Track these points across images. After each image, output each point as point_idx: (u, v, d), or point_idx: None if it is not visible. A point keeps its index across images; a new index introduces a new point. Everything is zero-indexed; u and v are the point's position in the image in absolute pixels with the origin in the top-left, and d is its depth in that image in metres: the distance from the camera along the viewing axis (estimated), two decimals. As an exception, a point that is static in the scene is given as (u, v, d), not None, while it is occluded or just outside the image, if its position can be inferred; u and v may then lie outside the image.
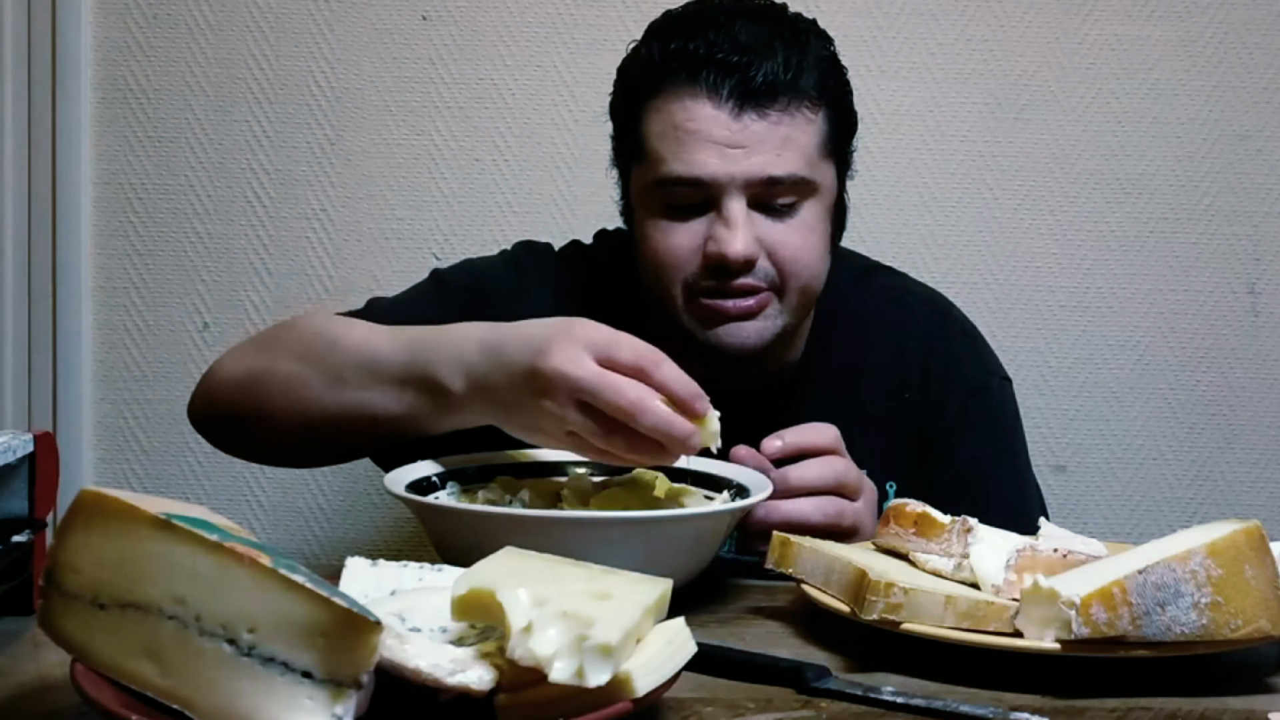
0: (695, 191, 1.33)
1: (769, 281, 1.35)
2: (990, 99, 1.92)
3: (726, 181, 1.32)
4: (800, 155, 1.34)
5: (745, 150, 1.31)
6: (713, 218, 1.33)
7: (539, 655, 0.78)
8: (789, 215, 1.35)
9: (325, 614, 0.77)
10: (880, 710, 0.92)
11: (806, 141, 1.34)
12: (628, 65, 1.42)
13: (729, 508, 1.17)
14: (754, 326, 1.35)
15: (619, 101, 1.42)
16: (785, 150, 1.33)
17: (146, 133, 1.93)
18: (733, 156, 1.31)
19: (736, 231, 1.31)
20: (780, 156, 1.32)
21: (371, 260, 1.93)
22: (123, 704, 0.79)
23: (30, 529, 1.08)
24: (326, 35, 1.91)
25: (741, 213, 1.32)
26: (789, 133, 1.33)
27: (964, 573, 1.10)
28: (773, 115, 1.32)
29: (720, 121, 1.31)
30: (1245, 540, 0.99)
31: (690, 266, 1.34)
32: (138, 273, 1.94)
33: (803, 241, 1.35)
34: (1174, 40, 1.91)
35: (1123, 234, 1.94)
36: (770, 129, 1.32)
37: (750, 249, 1.32)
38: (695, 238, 1.34)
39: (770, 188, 1.33)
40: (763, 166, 1.32)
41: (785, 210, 1.35)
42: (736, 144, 1.31)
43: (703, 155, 1.32)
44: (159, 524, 0.80)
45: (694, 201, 1.34)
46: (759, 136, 1.32)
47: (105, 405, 1.95)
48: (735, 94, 1.31)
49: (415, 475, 1.24)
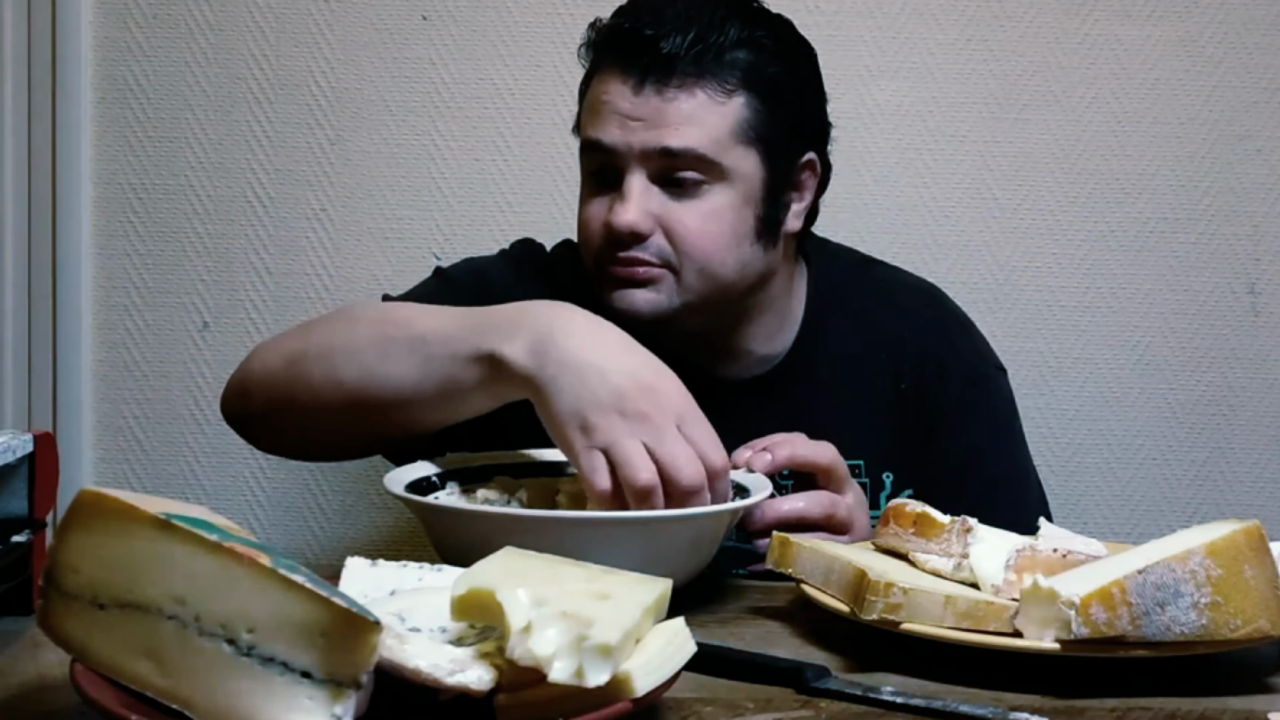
0: (602, 159, 1.38)
1: (661, 258, 1.37)
2: (990, 99, 1.92)
3: (624, 150, 1.36)
4: (703, 134, 1.35)
5: (643, 123, 1.35)
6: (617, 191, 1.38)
7: (538, 655, 0.78)
8: (692, 195, 1.37)
9: (325, 614, 0.77)
10: (880, 710, 0.92)
11: (714, 123, 1.36)
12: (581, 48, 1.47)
13: (729, 508, 1.17)
14: (644, 295, 1.37)
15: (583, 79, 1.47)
16: (685, 126, 1.35)
17: (146, 133, 1.93)
18: (631, 128, 1.35)
19: (628, 203, 1.35)
20: (678, 130, 1.35)
21: (371, 260, 1.93)
22: (123, 704, 0.79)
23: (30, 529, 1.08)
24: (326, 35, 1.91)
25: (639, 185, 1.36)
26: (691, 110, 1.35)
27: (964, 573, 1.10)
28: (669, 91, 1.35)
29: (623, 94, 1.36)
30: (1245, 540, 0.99)
31: (597, 237, 1.39)
32: (138, 273, 1.94)
33: (702, 224, 1.36)
34: (1174, 40, 1.91)
35: (1123, 234, 1.94)
36: (666, 104, 1.35)
37: (639, 221, 1.35)
38: (602, 209, 1.39)
39: (668, 161, 1.35)
40: (660, 139, 1.35)
41: (689, 189, 1.36)
42: (635, 116, 1.35)
43: (606, 124, 1.37)
44: (159, 524, 0.80)
45: (604, 169, 1.39)
46: (656, 109, 1.35)
47: (105, 405, 1.95)
48: (637, 68, 1.36)
49: (415, 475, 1.24)
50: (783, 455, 1.25)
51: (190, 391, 1.94)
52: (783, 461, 1.25)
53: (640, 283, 1.37)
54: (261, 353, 1.35)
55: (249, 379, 1.35)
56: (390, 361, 1.22)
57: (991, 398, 1.52)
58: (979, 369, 1.52)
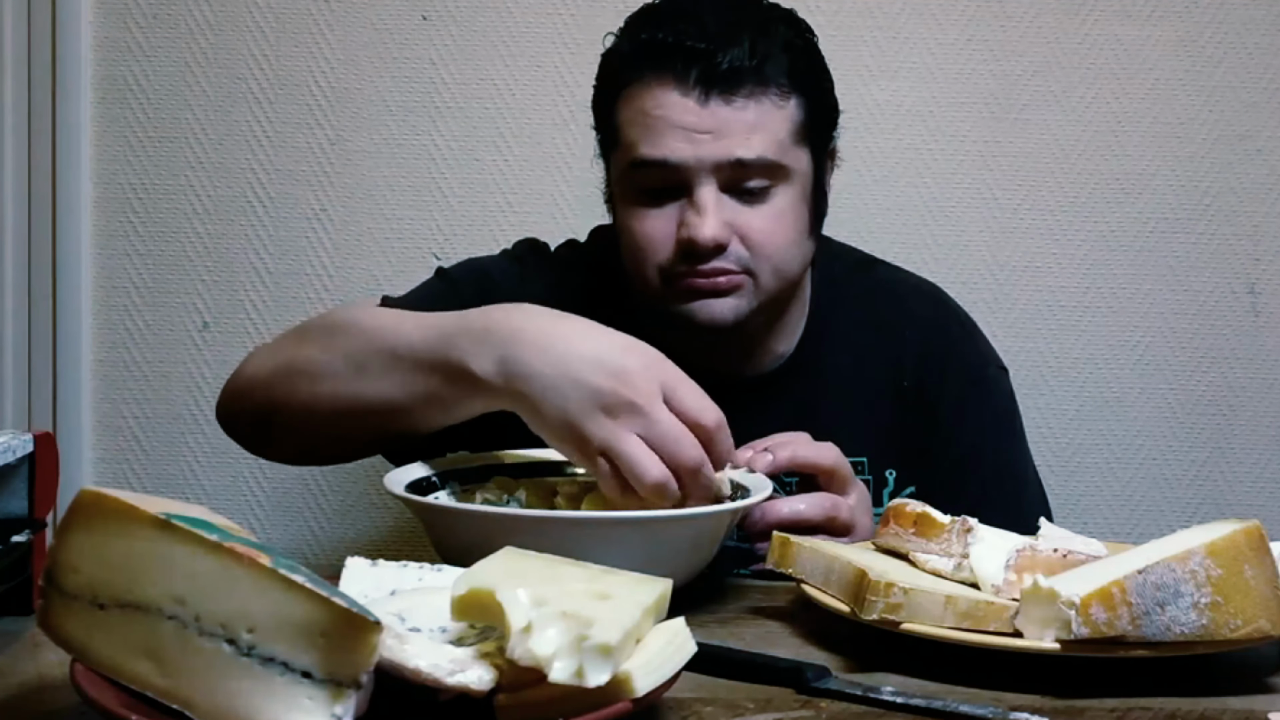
0: (665, 175, 1.36)
1: (741, 265, 1.37)
2: (990, 99, 1.92)
3: (695, 165, 1.34)
4: (770, 139, 1.35)
5: (712, 135, 1.34)
6: (684, 203, 1.36)
7: (539, 655, 0.78)
8: (761, 200, 1.37)
9: (325, 614, 0.77)
10: (880, 710, 0.92)
11: (777, 127, 1.36)
12: (604, 59, 1.44)
13: (729, 508, 1.17)
14: (728, 303, 1.37)
15: (597, 94, 1.45)
16: (753, 134, 1.35)
17: (146, 133, 1.93)
18: (700, 141, 1.34)
19: (706, 217, 1.34)
20: (748, 140, 1.34)
21: (371, 260, 1.93)
22: (123, 704, 0.79)
23: (30, 529, 1.08)
24: (326, 35, 1.91)
25: (712, 197, 1.34)
26: (756, 118, 1.35)
27: (964, 573, 1.10)
28: (738, 101, 1.34)
29: (687, 108, 1.34)
30: (1245, 540, 0.99)
31: (664, 251, 1.37)
32: (138, 273, 1.94)
33: (775, 226, 1.37)
34: (1174, 40, 1.91)
35: (1123, 234, 1.94)
36: (736, 114, 1.34)
37: (720, 233, 1.34)
38: (668, 223, 1.36)
39: (739, 170, 1.35)
40: (730, 150, 1.34)
41: (758, 195, 1.36)
42: (704, 129, 1.34)
43: (671, 140, 1.34)
44: (159, 524, 0.80)
45: (665, 186, 1.36)
46: (725, 122, 1.34)
47: (105, 405, 1.95)
48: (701, 81, 1.33)
49: (415, 475, 1.24)
50: (784, 456, 1.25)
51: (190, 391, 1.95)
52: (784, 463, 1.25)
53: (721, 292, 1.37)
54: (252, 362, 1.36)
55: (239, 389, 1.36)
56: (368, 377, 1.22)
57: (992, 397, 1.53)
58: (980, 369, 1.53)
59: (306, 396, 1.26)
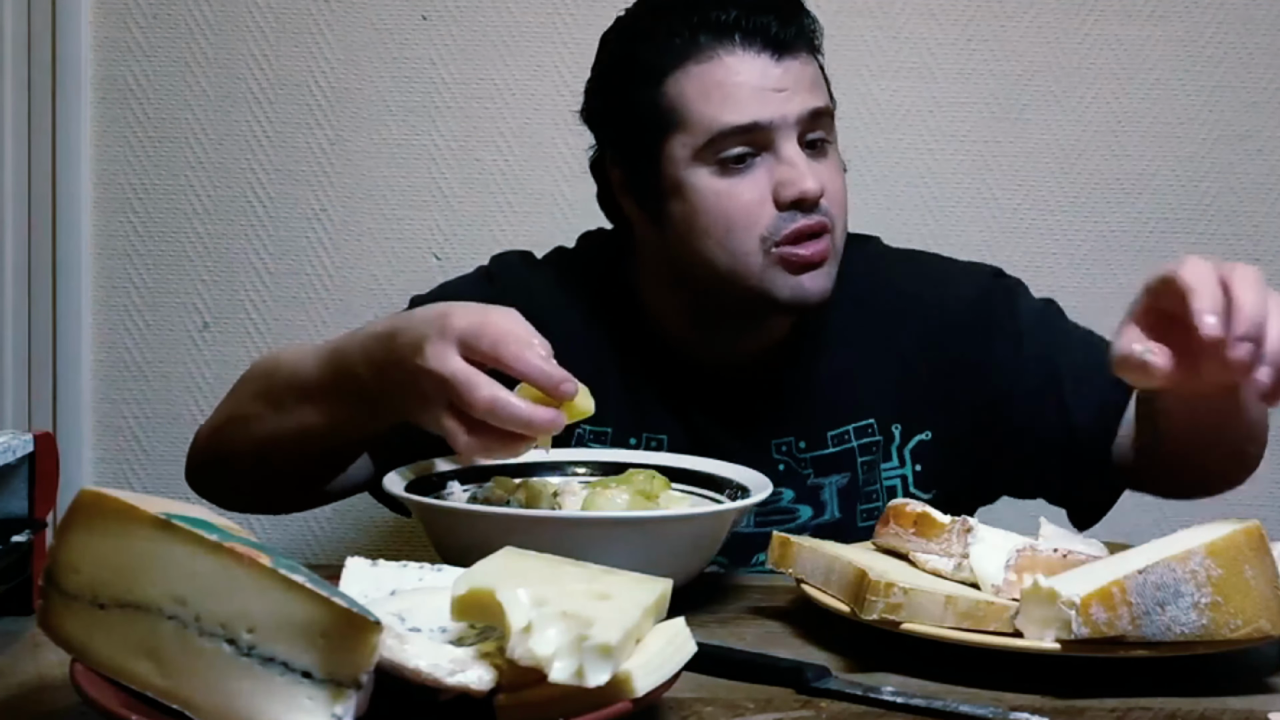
0: (751, 139, 1.36)
1: (829, 219, 1.38)
2: (990, 99, 1.92)
3: (780, 122, 1.36)
4: (824, 90, 1.41)
5: (789, 92, 1.37)
6: (771, 165, 1.37)
7: (539, 655, 0.78)
8: (825, 154, 1.40)
9: (325, 614, 0.77)
10: (880, 710, 0.92)
11: (822, 78, 1.42)
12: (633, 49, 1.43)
13: (729, 508, 1.17)
14: (820, 277, 1.38)
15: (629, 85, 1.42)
16: (816, 86, 1.40)
17: (146, 133, 1.93)
18: (782, 99, 1.36)
19: (804, 169, 1.36)
20: (815, 91, 1.39)
21: (371, 260, 1.93)
22: (123, 704, 0.79)
23: (30, 529, 1.08)
24: (326, 35, 1.91)
25: (799, 152, 1.37)
26: (814, 71, 1.41)
27: (964, 573, 1.10)
28: (802, 55, 1.39)
29: (766, 70, 1.37)
30: (1245, 540, 0.99)
31: (766, 216, 1.37)
32: (138, 273, 1.94)
33: (840, 178, 1.41)
34: (1174, 40, 1.91)
35: (1123, 234, 1.93)
36: (803, 68, 1.39)
37: (821, 184, 1.37)
38: (760, 188, 1.37)
39: (812, 123, 1.38)
40: (807, 103, 1.37)
41: (819, 148, 1.40)
42: (782, 86, 1.37)
43: (755, 103, 1.36)
44: (159, 524, 0.80)
45: (744, 152, 1.37)
46: (798, 77, 1.38)
47: (105, 405, 1.95)
48: (770, 44, 1.37)
49: (415, 475, 1.24)
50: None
51: (190, 391, 1.94)
52: None
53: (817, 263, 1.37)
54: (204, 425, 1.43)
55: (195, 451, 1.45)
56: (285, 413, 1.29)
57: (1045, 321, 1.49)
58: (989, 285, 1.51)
59: (243, 443, 1.34)
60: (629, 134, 1.43)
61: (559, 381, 1.11)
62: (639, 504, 1.18)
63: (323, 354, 1.27)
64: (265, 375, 1.35)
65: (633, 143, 1.43)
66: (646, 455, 1.32)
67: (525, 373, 1.11)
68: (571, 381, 1.12)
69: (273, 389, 1.31)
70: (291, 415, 1.28)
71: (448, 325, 1.13)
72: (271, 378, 1.33)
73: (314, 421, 1.27)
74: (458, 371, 1.11)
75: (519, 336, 1.12)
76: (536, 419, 1.10)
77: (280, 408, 1.29)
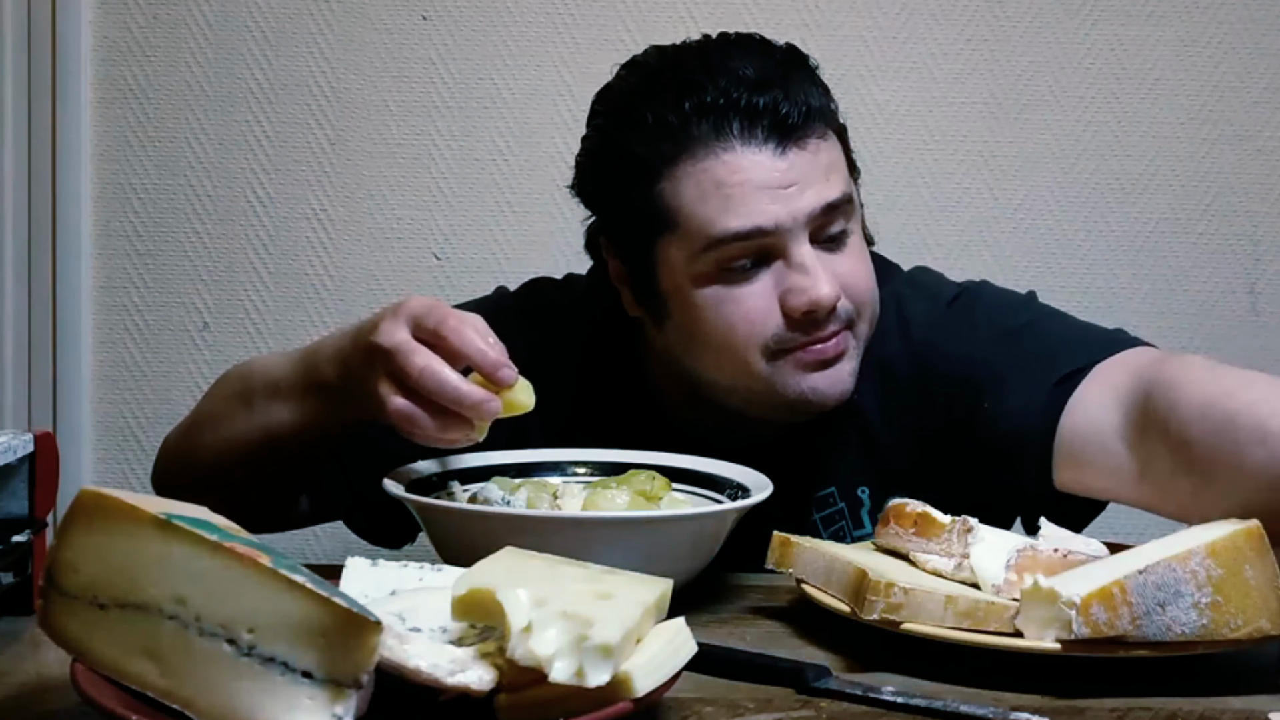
0: (753, 245, 1.24)
1: (847, 319, 1.27)
2: (990, 99, 1.92)
3: (790, 224, 1.23)
4: (841, 175, 1.28)
5: (798, 187, 1.24)
6: (779, 269, 1.25)
7: (539, 655, 0.78)
8: (843, 244, 1.27)
9: (325, 614, 0.77)
10: (880, 710, 0.92)
11: (839, 160, 1.29)
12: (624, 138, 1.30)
13: (729, 508, 1.17)
14: (846, 368, 1.28)
15: (620, 179, 1.30)
16: (830, 175, 1.26)
17: (146, 133, 1.93)
18: (787, 197, 1.23)
19: (819, 275, 1.23)
20: (829, 182, 1.25)
21: (371, 260, 1.93)
22: (123, 704, 0.79)
23: (30, 529, 1.08)
24: (326, 35, 1.91)
25: (812, 254, 1.24)
26: (828, 157, 1.27)
27: (964, 573, 1.10)
28: (811, 144, 1.25)
29: (767, 165, 1.23)
30: (1245, 540, 0.99)
31: (771, 326, 1.25)
32: (138, 273, 1.94)
33: (865, 267, 1.29)
34: (1174, 40, 1.91)
35: (1123, 234, 1.94)
36: (812, 159, 1.25)
37: (837, 289, 1.24)
38: (767, 296, 1.25)
39: (826, 217, 1.25)
40: (819, 197, 1.24)
41: (839, 240, 1.27)
42: (788, 183, 1.23)
43: (759, 204, 1.23)
44: (159, 524, 0.80)
45: (750, 257, 1.25)
46: (806, 170, 1.24)
47: (105, 405, 1.95)
48: (774, 133, 1.24)
49: (415, 475, 1.24)
50: None
51: (190, 391, 1.94)
52: None
53: (831, 360, 1.26)
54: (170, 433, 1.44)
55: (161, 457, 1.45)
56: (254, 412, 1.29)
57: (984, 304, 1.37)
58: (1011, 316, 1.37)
59: (211, 443, 1.33)
60: (623, 228, 1.33)
61: (496, 365, 1.09)
62: (639, 504, 1.18)
63: (295, 354, 1.27)
64: (239, 379, 1.34)
65: (628, 238, 1.32)
66: (646, 455, 1.31)
67: (463, 348, 1.09)
68: (511, 369, 1.09)
69: (245, 390, 1.31)
70: (261, 414, 1.27)
71: (402, 306, 1.13)
72: (245, 380, 1.32)
73: (282, 419, 1.25)
74: (400, 342, 1.10)
75: (467, 319, 1.11)
76: (465, 394, 1.08)
77: (250, 406, 1.28)
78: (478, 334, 1.10)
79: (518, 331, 1.22)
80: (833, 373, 1.27)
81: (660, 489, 1.22)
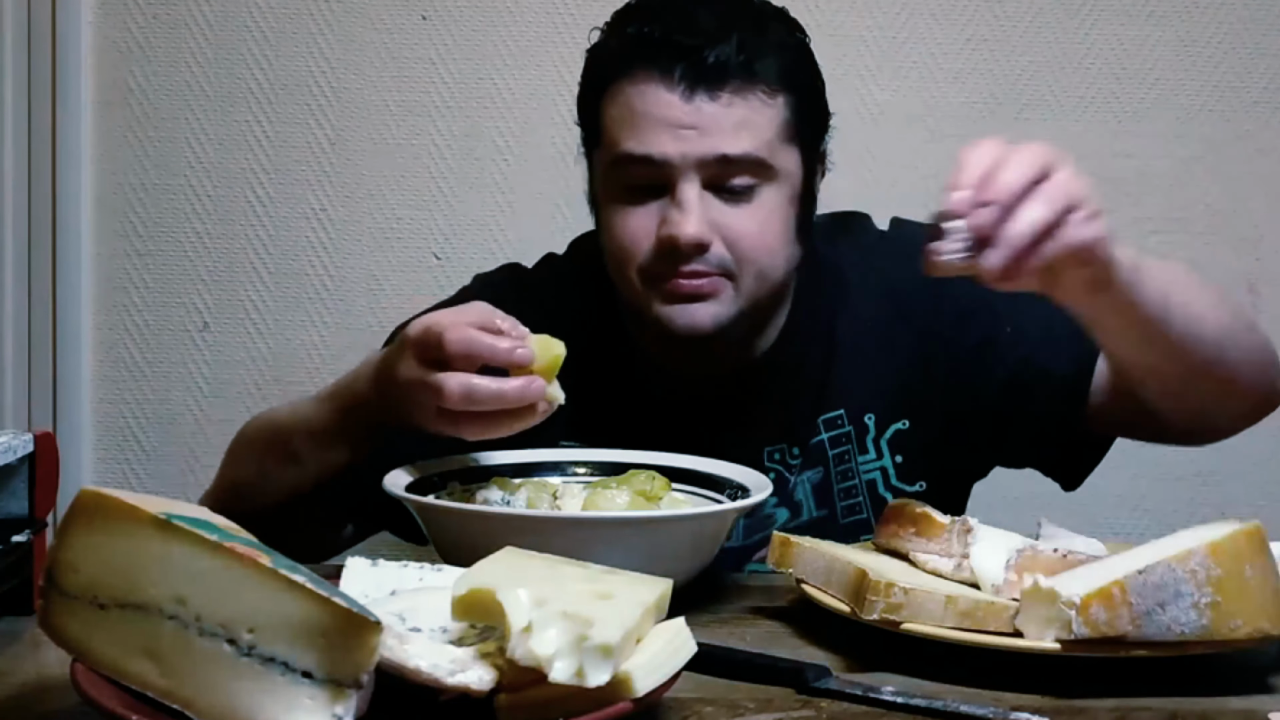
0: (649, 172, 1.32)
1: (722, 267, 1.32)
2: (990, 99, 1.92)
3: (679, 161, 1.31)
4: (756, 137, 1.32)
5: (698, 131, 1.30)
6: (666, 201, 1.32)
7: (539, 655, 0.78)
8: (746, 200, 1.33)
9: (325, 614, 0.77)
10: (880, 710, 0.92)
11: (764, 124, 1.33)
12: (590, 54, 1.42)
13: (729, 508, 1.17)
14: (707, 309, 1.33)
15: (583, 90, 1.42)
16: (740, 131, 1.31)
17: (146, 133, 1.93)
18: (685, 137, 1.30)
19: (689, 214, 1.30)
20: (735, 137, 1.31)
21: (371, 260, 1.93)
22: (123, 704, 0.79)
23: (30, 529, 1.08)
24: (326, 35, 1.91)
25: (694, 195, 1.31)
26: (744, 114, 1.32)
27: (964, 573, 1.10)
28: (724, 97, 1.31)
29: (673, 104, 1.31)
30: (1245, 540, 0.99)
31: (645, 251, 1.33)
32: (138, 273, 1.94)
33: (760, 227, 1.33)
34: (1174, 40, 1.91)
35: (1123, 234, 1.92)
36: (722, 110, 1.31)
37: (701, 232, 1.30)
38: (649, 221, 1.33)
39: (724, 168, 1.31)
40: (715, 146, 1.30)
41: (742, 194, 1.33)
42: (689, 125, 1.31)
43: (655, 135, 1.31)
44: (159, 524, 0.80)
45: (649, 183, 1.33)
46: (712, 118, 1.31)
47: (105, 405, 1.95)
48: (687, 76, 1.31)
49: (415, 475, 1.24)
50: None
51: (190, 391, 1.94)
52: None
53: (702, 296, 1.33)
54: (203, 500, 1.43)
55: None
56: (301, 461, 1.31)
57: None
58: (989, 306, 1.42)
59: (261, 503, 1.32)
60: (584, 141, 1.44)
61: (509, 353, 1.14)
62: (639, 504, 1.18)
63: (323, 399, 1.31)
64: (265, 436, 1.37)
65: (586, 151, 1.44)
66: (647, 455, 1.31)
67: (475, 357, 1.13)
68: (524, 348, 1.14)
69: (279, 444, 1.33)
70: (311, 463, 1.30)
71: (404, 339, 1.18)
72: (274, 435, 1.35)
73: (338, 461, 1.30)
74: (424, 378, 1.14)
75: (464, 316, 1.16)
76: (507, 391, 1.13)
77: (295, 460, 1.31)
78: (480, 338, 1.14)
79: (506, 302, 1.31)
80: (693, 309, 1.33)
81: (660, 489, 1.22)
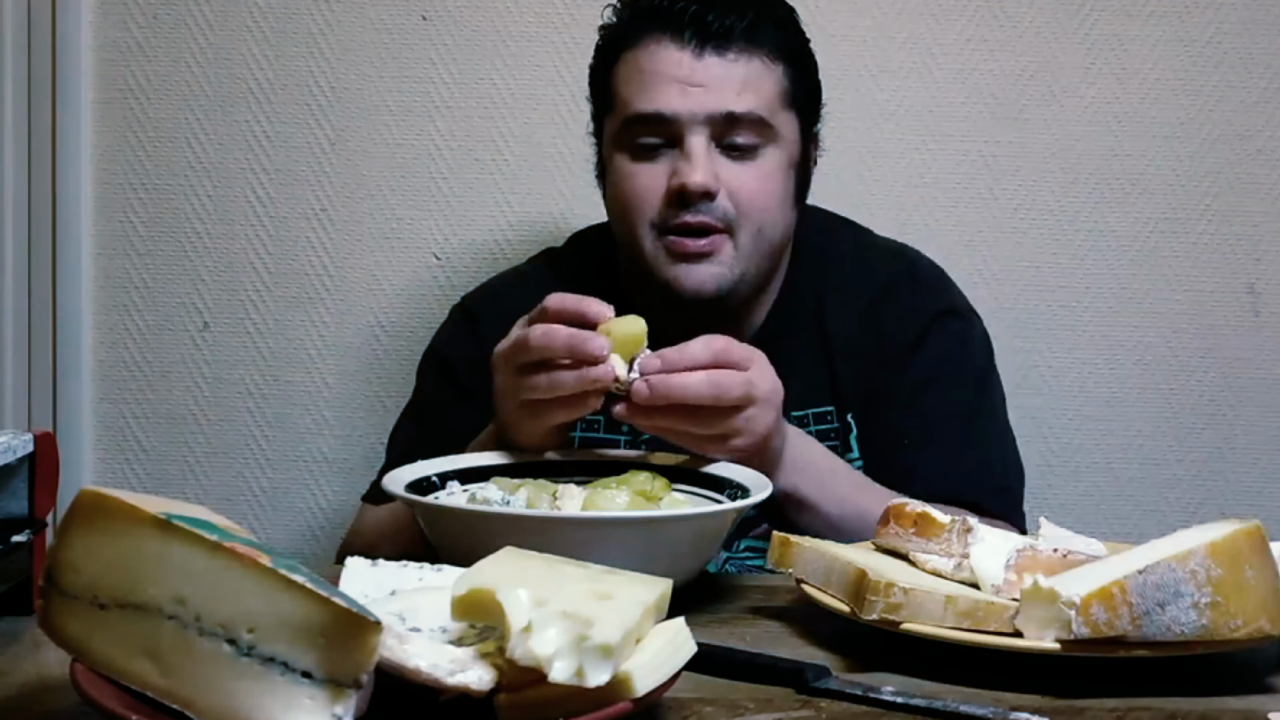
0: (659, 129, 1.40)
1: (725, 220, 1.39)
2: (990, 99, 1.92)
3: (687, 117, 1.39)
4: (760, 97, 1.40)
5: (705, 88, 1.39)
6: (676, 155, 1.40)
7: (539, 655, 0.78)
8: (750, 158, 1.41)
9: (325, 614, 0.77)
10: (880, 710, 0.92)
11: (767, 87, 1.42)
12: (602, 31, 1.49)
13: (729, 508, 1.17)
14: (710, 270, 1.40)
15: (595, 65, 1.50)
16: (745, 90, 1.40)
17: (146, 133, 1.93)
18: (693, 94, 1.39)
19: (697, 163, 1.38)
20: (740, 95, 1.39)
21: (371, 260, 1.93)
22: (123, 704, 0.79)
23: (30, 529, 1.08)
24: (326, 35, 1.91)
25: (703, 147, 1.39)
26: (747, 73, 1.40)
27: (964, 573, 1.10)
28: (730, 55, 1.39)
29: (681, 61, 1.39)
30: (1245, 540, 0.99)
31: (654, 203, 1.40)
32: (138, 273, 1.94)
33: (761, 185, 1.41)
34: (1174, 40, 1.91)
35: (1123, 234, 1.94)
36: (729, 67, 1.39)
37: (709, 180, 1.38)
38: (659, 176, 1.40)
39: (730, 125, 1.39)
40: (722, 103, 1.39)
41: (747, 152, 1.41)
42: (697, 82, 1.39)
43: (664, 92, 1.39)
44: (159, 524, 0.80)
45: (658, 140, 1.41)
46: (719, 75, 1.39)
47: (105, 405, 1.95)
48: (696, 37, 1.39)
49: (415, 475, 1.24)
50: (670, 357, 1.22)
51: (190, 391, 1.94)
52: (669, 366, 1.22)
53: (702, 255, 1.39)
54: None
55: None
56: None
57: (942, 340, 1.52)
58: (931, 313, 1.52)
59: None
60: (594, 112, 1.52)
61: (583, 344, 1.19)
62: (639, 504, 1.18)
63: None
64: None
65: (595, 120, 1.52)
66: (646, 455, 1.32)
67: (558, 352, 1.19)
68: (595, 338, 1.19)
69: None
70: None
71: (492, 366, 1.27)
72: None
73: None
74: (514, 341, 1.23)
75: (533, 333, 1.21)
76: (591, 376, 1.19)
77: None
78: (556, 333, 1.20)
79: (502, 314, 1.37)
80: (699, 269, 1.40)
81: (660, 489, 1.22)
